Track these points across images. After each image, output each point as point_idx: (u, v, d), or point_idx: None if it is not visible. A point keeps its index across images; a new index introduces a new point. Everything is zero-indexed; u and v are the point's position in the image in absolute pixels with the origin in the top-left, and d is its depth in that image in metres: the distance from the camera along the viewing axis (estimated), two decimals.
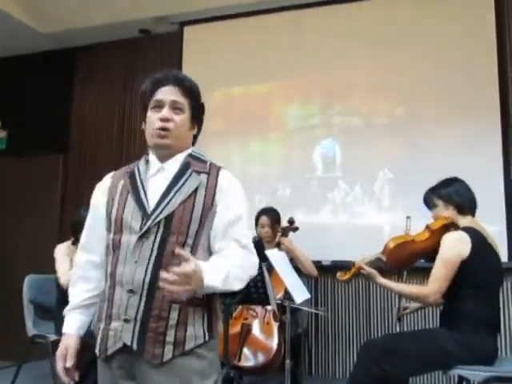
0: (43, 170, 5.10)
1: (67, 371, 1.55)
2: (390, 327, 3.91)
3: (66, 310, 1.63)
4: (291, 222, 3.46)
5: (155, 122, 1.56)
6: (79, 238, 1.72)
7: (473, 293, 2.44)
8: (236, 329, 3.13)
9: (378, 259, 2.65)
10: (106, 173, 1.70)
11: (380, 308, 3.96)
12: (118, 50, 5.05)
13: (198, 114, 1.66)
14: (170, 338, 1.45)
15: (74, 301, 1.62)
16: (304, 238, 3.58)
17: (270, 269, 2.77)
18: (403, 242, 2.65)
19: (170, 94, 1.58)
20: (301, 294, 2.79)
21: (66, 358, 1.55)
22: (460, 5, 3.97)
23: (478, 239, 2.49)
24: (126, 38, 4.94)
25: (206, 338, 1.49)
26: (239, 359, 3.02)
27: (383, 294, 3.94)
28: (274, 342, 3.06)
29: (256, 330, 3.16)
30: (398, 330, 3.80)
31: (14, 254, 4.98)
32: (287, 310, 2.82)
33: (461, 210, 2.61)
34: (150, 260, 1.46)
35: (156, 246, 1.47)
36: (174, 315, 1.46)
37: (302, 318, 3.63)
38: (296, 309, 3.05)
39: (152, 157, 1.63)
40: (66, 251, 3.58)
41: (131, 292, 1.46)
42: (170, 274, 1.28)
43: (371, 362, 2.42)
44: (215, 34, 4.63)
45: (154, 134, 1.57)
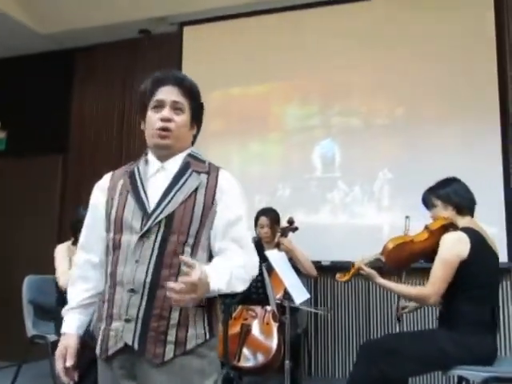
0: (43, 171, 5.10)
1: (67, 371, 1.54)
2: (389, 327, 3.91)
3: (65, 310, 1.62)
4: (291, 222, 3.45)
5: (156, 122, 1.56)
6: (79, 237, 1.71)
7: (472, 293, 2.44)
8: (236, 329, 3.13)
9: (377, 260, 2.65)
10: (105, 173, 1.69)
11: (379, 308, 3.96)
12: (117, 51, 5.05)
13: (198, 114, 1.66)
14: (171, 337, 1.45)
15: (72, 300, 1.62)
16: (303, 239, 3.58)
17: (270, 269, 2.76)
18: (402, 242, 2.64)
19: (171, 94, 1.57)
20: (300, 295, 2.78)
21: (65, 357, 1.54)
22: (459, 4, 3.97)
23: (476, 240, 2.49)
24: (126, 38, 4.94)
25: (207, 337, 1.50)
26: (239, 359, 3.02)
27: (383, 294, 3.94)
28: (274, 343, 3.06)
29: (255, 330, 3.16)
30: (398, 331, 3.80)
31: (14, 253, 4.99)
32: (287, 311, 2.82)
33: (460, 210, 2.61)
34: (151, 259, 1.46)
35: (157, 245, 1.47)
36: (175, 315, 1.46)
37: (302, 319, 3.63)
38: (295, 309, 3.05)
39: (151, 156, 1.62)
40: (65, 251, 3.58)
41: (132, 292, 1.46)
42: (177, 284, 1.27)
43: (370, 363, 2.42)
44: (215, 34, 4.63)
45: (154, 134, 1.56)
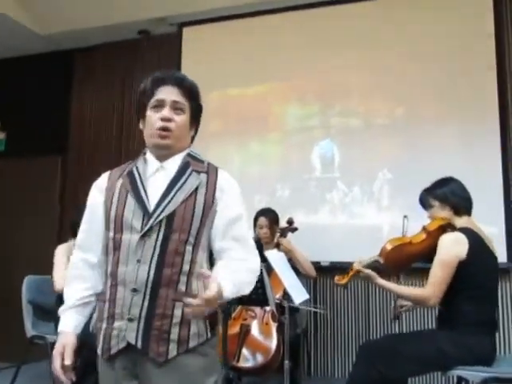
0: (42, 171, 5.10)
1: (65, 369, 1.51)
2: (388, 328, 3.91)
3: (62, 310, 1.60)
4: (290, 222, 3.44)
5: (156, 122, 1.55)
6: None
7: (470, 293, 2.44)
8: (235, 329, 3.13)
9: (376, 261, 2.63)
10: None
11: (379, 309, 3.95)
12: (117, 51, 5.04)
13: (197, 114, 1.66)
14: (174, 335, 1.45)
15: (69, 299, 1.59)
16: (303, 239, 3.58)
17: (269, 269, 2.76)
18: (400, 244, 2.63)
19: (171, 94, 1.57)
20: (300, 295, 2.78)
21: (63, 356, 1.51)
22: (459, 5, 3.97)
23: (474, 240, 2.49)
24: (125, 39, 4.94)
25: (208, 336, 1.51)
26: (238, 360, 3.01)
27: (382, 294, 3.93)
28: (273, 343, 3.06)
29: (255, 330, 3.16)
30: (397, 331, 3.81)
31: (14, 253, 4.99)
32: (286, 311, 2.82)
33: (457, 210, 2.61)
34: (152, 259, 1.47)
35: (158, 244, 1.47)
36: (178, 313, 1.46)
37: (301, 319, 3.62)
38: (295, 309, 3.05)
39: (150, 156, 1.62)
40: (66, 253, 3.57)
41: (135, 291, 1.46)
42: (195, 300, 1.29)
43: (370, 363, 2.42)
44: (214, 34, 4.63)
45: (154, 134, 1.56)
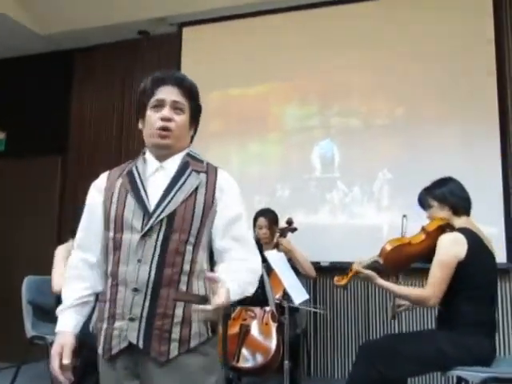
0: (42, 171, 5.10)
1: (64, 369, 1.49)
2: (388, 328, 3.91)
3: (60, 310, 1.58)
4: (290, 222, 3.43)
5: (156, 122, 1.56)
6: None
7: (469, 294, 2.44)
8: (235, 330, 3.13)
9: (375, 262, 2.63)
10: None
11: (378, 309, 3.96)
12: (116, 51, 5.05)
13: (197, 114, 1.66)
14: (175, 335, 1.45)
15: (68, 299, 1.58)
16: (302, 239, 3.57)
17: (269, 269, 2.77)
18: (400, 244, 2.63)
19: (171, 94, 1.57)
20: (299, 295, 2.78)
21: (61, 356, 1.50)
22: (459, 6, 3.97)
23: (473, 240, 2.49)
24: (125, 39, 4.94)
25: (209, 335, 1.51)
26: (238, 360, 3.01)
27: (382, 295, 3.93)
28: (273, 343, 3.05)
29: (255, 330, 3.15)
30: (397, 331, 3.81)
31: (14, 253, 4.99)
32: (286, 311, 2.82)
33: (456, 210, 2.61)
34: (153, 258, 1.47)
35: (159, 244, 1.48)
36: (179, 313, 1.46)
37: (301, 319, 3.62)
38: (295, 309, 3.04)
39: (149, 156, 1.62)
40: (65, 253, 3.56)
41: (136, 291, 1.46)
42: (208, 306, 1.31)
43: (369, 363, 2.42)
44: (214, 34, 4.63)
45: (154, 133, 1.56)
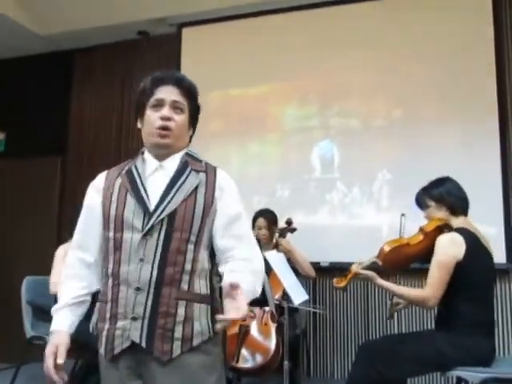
0: (42, 171, 5.10)
1: (58, 369, 1.48)
2: (388, 328, 3.91)
3: (55, 309, 1.57)
4: (289, 222, 3.43)
5: (156, 121, 1.56)
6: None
7: (468, 295, 2.44)
8: (234, 330, 3.12)
9: (374, 263, 2.63)
10: None
11: (378, 309, 3.95)
12: (116, 52, 5.05)
13: (196, 114, 1.67)
14: (178, 334, 1.46)
15: (64, 298, 1.57)
16: (302, 240, 3.57)
17: (269, 270, 2.76)
18: (398, 245, 2.63)
19: (171, 94, 1.57)
20: (299, 295, 2.78)
21: (56, 356, 1.49)
22: (459, 6, 3.97)
23: (471, 240, 2.49)
24: (125, 39, 4.94)
25: (211, 334, 1.51)
26: (237, 360, 3.01)
27: (381, 295, 3.93)
28: (272, 343, 3.05)
29: (254, 331, 3.15)
30: (397, 331, 3.81)
31: (14, 254, 4.99)
32: (285, 311, 2.82)
33: (453, 210, 2.60)
34: (155, 258, 1.47)
35: (160, 243, 1.48)
36: (181, 311, 1.47)
37: (300, 319, 3.62)
38: (294, 310, 3.04)
39: (148, 155, 1.62)
40: (65, 254, 3.56)
41: (138, 290, 1.46)
42: (229, 316, 1.32)
43: (369, 363, 2.42)
44: (213, 35, 4.63)
45: (154, 133, 1.56)
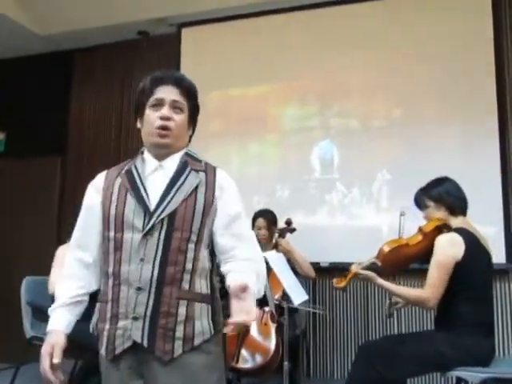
0: (42, 171, 5.10)
1: (54, 368, 1.48)
2: (387, 328, 3.91)
3: (52, 309, 1.57)
4: (289, 223, 3.43)
5: (155, 121, 1.56)
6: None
7: (468, 295, 2.44)
8: None
9: (373, 263, 2.63)
10: None
11: (378, 309, 3.95)
12: (116, 52, 5.04)
13: (195, 114, 1.67)
14: (179, 333, 1.46)
15: (61, 297, 1.57)
16: (302, 240, 3.58)
17: (268, 270, 2.76)
18: (397, 246, 2.63)
19: (171, 94, 1.58)
20: (299, 296, 2.78)
21: (52, 355, 1.49)
22: (459, 6, 3.97)
23: (470, 240, 2.49)
24: (125, 39, 4.94)
25: (212, 333, 1.52)
26: (237, 361, 3.00)
27: (381, 295, 3.93)
28: (272, 344, 3.05)
29: (254, 331, 3.15)
30: (396, 331, 3.81)
31: (14, 254, 4.99)
32: (285, 312, 2.82)
33: (452, 210, 2.61)
34: (156, 257, 1.47)
35: (161, 242, 1.48)
36: (182, 311, 1.47)
37: (300, 320, 3.62)
38: (294, 310, 3.04)
39: (147, 155, 1.62)
40: (65, 254, 3.55)
41: (139, 289, 1.46)
42: (238, 319, 1.33)
43: (369, 364, 2.42)
44: (213, 35, 4.63)
45: (153, 132, 1.56)
